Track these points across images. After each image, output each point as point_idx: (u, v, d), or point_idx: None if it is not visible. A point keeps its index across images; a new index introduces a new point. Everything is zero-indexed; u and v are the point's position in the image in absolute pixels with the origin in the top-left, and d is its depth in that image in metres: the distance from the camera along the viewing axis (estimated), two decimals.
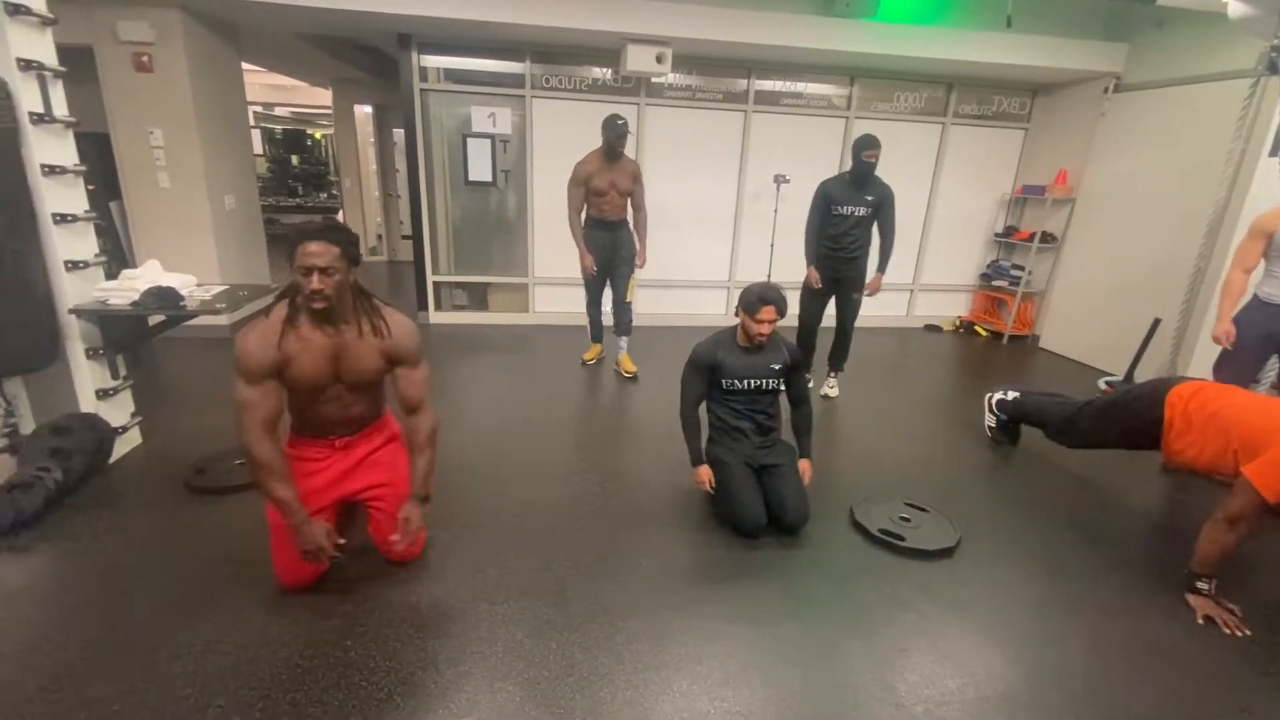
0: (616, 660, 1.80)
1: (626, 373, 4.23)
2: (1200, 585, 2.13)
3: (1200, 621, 2.06)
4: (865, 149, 3.49)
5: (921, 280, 6.05)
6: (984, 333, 5.92)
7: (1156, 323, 4.30)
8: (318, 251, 1.68)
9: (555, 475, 2.89)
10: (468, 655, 1.79)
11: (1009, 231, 5.81)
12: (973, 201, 5.87)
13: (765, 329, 2.38)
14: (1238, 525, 2.00)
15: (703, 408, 2.59)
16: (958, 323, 6.14)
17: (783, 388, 2.57)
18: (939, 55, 4.66)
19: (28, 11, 2.33)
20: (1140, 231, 4.72)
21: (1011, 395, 3.29)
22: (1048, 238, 5.41)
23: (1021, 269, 5.58)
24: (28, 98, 2.36)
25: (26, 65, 2.34)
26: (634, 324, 4.30)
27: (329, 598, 1.98)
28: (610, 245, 4.04)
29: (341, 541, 1.92)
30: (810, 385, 4.15)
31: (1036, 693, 1.77)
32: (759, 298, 2.37)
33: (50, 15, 2.42)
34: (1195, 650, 1.96)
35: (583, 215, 4.00)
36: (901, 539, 2.40)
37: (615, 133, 3.75)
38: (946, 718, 1.67)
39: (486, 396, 3.87)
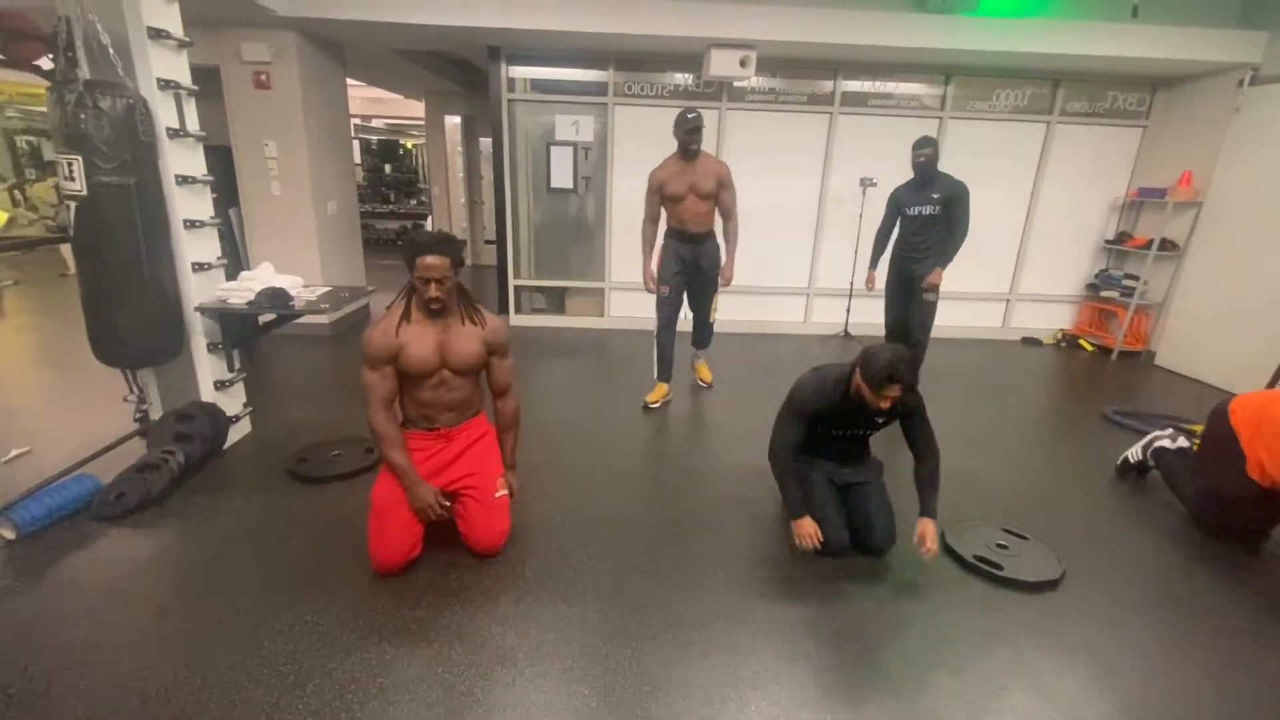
0: (691, 674, 1.77)
1: (702, 381, 4.16)
2: None
3: None
4: (914, 150, 3.62)
5: (1019, 290, 5.67)
6: (1089, 347, 5.47)
7: None
8: (435, 264, 1.96)
9: (628, 480, 2.89)
10: (545, 655, 1.81)
11: (1121, 238, 5.35)
12: (1080, 205, 5.45)
13: (885, 405, 2.06)
14: None
15: None
16: (1059, 336, 5.71)
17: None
18: (1048, 50, 4.36)
19: (168, 35, 2.57)
20: None
21: (1177, 445, 2.86)
22: (1168, 245, 4.94)
23: (1135, 278, 5.13)
24: (165, 114, 2.60)
25: (165, 84, 2.58)
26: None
27: (415, 586, 2.06)
28: (690, 260, 3.57)
29: (447, 504, 2.14)
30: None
31: None
32: (888, 375, 1.96)
33: (187, 39, 2.66)
34: None
35: (662, 226, 3.60)
36: (999, 568, 2.24)
37: (683, 128, 3.30)
38: None
39: (563, 399, 3.92)
